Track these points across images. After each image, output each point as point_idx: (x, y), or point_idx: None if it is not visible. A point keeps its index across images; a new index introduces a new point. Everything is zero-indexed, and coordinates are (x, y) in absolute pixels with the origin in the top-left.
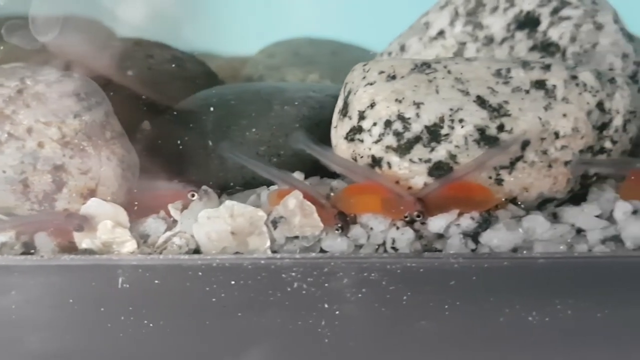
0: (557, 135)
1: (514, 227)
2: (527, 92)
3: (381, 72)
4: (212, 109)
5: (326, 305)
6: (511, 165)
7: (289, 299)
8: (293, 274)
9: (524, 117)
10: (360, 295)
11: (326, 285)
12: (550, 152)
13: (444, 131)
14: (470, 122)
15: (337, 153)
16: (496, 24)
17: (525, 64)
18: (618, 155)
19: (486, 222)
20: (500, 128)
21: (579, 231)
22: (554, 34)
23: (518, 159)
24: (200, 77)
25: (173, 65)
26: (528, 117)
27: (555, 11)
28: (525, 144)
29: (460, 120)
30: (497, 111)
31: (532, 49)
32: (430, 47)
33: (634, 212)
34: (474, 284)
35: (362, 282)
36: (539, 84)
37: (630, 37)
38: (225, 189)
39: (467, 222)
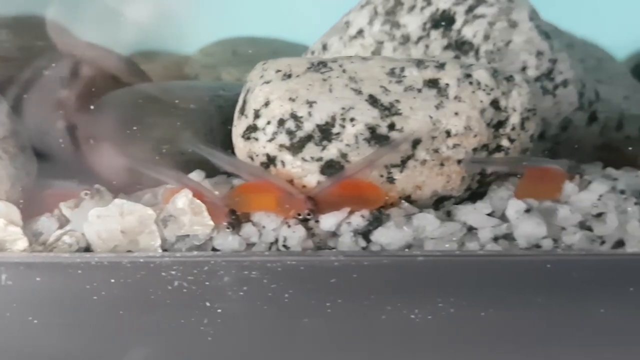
0: (448, 133)
1: (404, 225)
2: (420, 91)
3: (278, 71)
4: (120, 108)
5: (208, 304)
6: (402, 164)
7: (170, 297)
8: (173, 272)
9: (414, 116)
10: (241, 293)
11: (207, 283)
12: (441, 151)
13: (335, 130)
14: (362, 120)
15: (237, 152)
16: (413, 22)
17: (419, 63)
18: (518, 154)
19: (377, 220)
20: (391, 127)
21: (471, 229)
22: (468, 33)
23: (409, 157)
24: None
25: None
26: (419, 116)
27: (470, 9)
28: (416, 143)
29: (352, 119)
30: (389, 110)
31: (447, 47)
32: (350, 46)
33: (527, 211)
34: (355, 282)
35: (243, 281)
36: (432, 83)
37: (546, 35)
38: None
39: (358, 220)
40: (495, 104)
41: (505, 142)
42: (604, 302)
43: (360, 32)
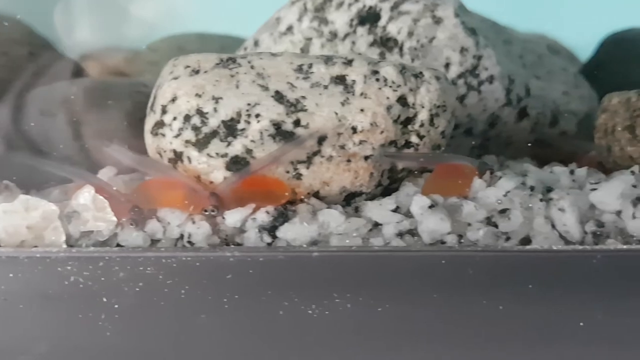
0: (354, 130)
1: (309, 221)
2: (326, 87)
3: (187, 67)
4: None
5: (105, 299)
6: (308, 160)
7: (68, 292)
8: (69, 267)
9: (320, 112)
10: (137, 289)
11: (103, 279)
12: (348, 147)
13: (240, 126)
14: (267, 117)
15: (147, 148)
16: (340, 19)
17: (328, 60)
18: (429, 150)
19: (282, 216)
20: (297, 123)
21: (377, 225)
22: (392, 29)
23: (315, 153)
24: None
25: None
26: (324, 112)
27: (395, 6)
28: (322, 139)
29: (257, 115)
30: (294, 106)
31: (372, 44)
32: (280, 42)
33: (431, 207)
34: (251, 278)
35: (139, 276)
36: (339, 79)
37: (472, 31)
38: None
39: (263, 216)
40: (402, 100)
41: (414, 139)
42: (503, 299)
43: (289, 29)
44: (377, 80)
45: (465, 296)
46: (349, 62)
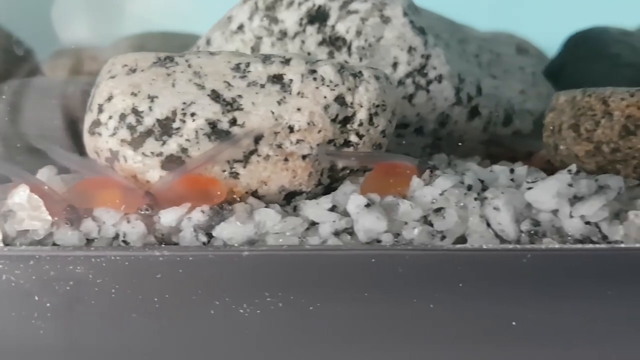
0: (291, 129)
1: (246, 220)
2: (263, 86)
3: (124, 66)
4: None
5: (37, 298)
6: (245, 159)
7: (0, 291)
8: (0, 266)
9: (256, 111)
10: (68, 288)
11: (34, 277)
12: (285, 146)
13: (175, 125)
14: (202, 115)
15: (86, 147)
16: (290, 18)
17: (265, 59)
18: (369, 149)
19: (217, 216)
20: (233, 122)
21: (314, 224)
22: (341, 28)
23: (252, 152)
24: None
25: None
26: (260, 111)
27: (344, 5)
28: (258, 138)
29: (192, 114)
30: (231, 105)
31: (321, 43)
32: (232, 41)
33: (367, 206)
34: (181, 277)
35: (69, 275)
36: (277, 79)
37: (421, 30)
38: None
39: (198, 215)
40: (340, 99)
41: (353, 138)
42: (433, 298)
43: (240, 27)
44: (315, 79)
45: (396, 295)
46: (286, 61)
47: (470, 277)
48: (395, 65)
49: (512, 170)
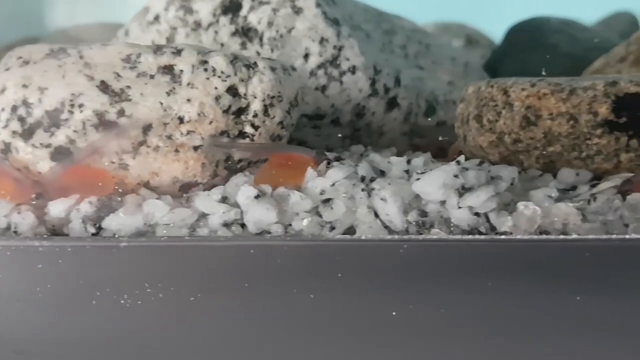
0: (181, 120)
1: (135, 211)
2: (152, 77)
3: (19, 58)
4: None
5: None
6: (134, 150)
7: None
8: None
9: (144, 102)
10: None
11: None
12: (175, 137)
13: (63, 116)
14: (90, 107)
15: None
16: (204, 9)
17: (157, 49)
18: (266, 140)
19: (106, 207)
20: (121, 113)
21: (205, 215)
22: (253, 19)
23: (141, 143)
24: None
25: None
26: (149, 102)
27: None
28: (147, 129)
29: (80, 105)
30: (119, 96)
31: (234, 34)
32: (148, 32)
33: (257, 197)
34: (62, 268)
35: None
36: (167, 69)
37: (334, 21)
38: None
39: (87, 206)
40: (232, 90)
41: (249, 129)
42: (313, 289)
43: (157, 18)
44: (206, 70)
45: (275, 285)
46: (178, 52)
47: (349, 267)
48: (306, 56)
49: (408, 161)
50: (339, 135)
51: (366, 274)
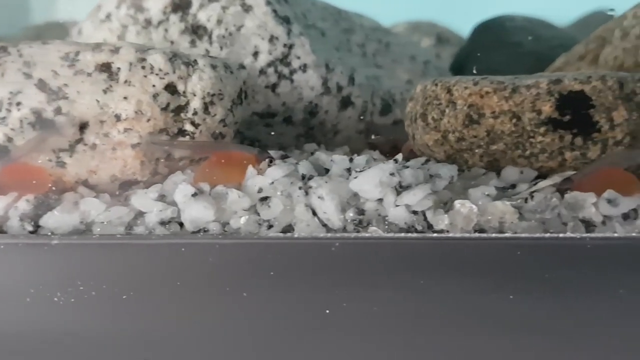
0: (118, 117)
1: (71, 209)
2: (90, 75)
3: None
4: None
5: None
6: (71, 148)
7: None
8: None
9: (81, 100)
10: None
11: None
12: (112, 135)
13: (1, 114)
14: (28, 105)
15: None
16: (155, 7)
17: (96, 47)
18: (208, 138)
19: (43, 205)
20: (58, 111)
21: (142, 213)
22: (202, 17)
23: (78, 141)
24: None
25: None
26: (85, 100)
27: None
28: (83, 127)
29: (18, 104)
30: (56, 94)
31: (184, 32)
32: (100, 30)
33: (194, 195)
34: None
35: None
36: (105, 67)
37: (285, 20)
38: None
39: (24, 204)
40: (171, 88)
41: (189, 127)
42: (246, 287)
43: (108, 16)
44: (144, 67)
45: (208, 284)
46: (116, 50)
47: (281, 265)
48: (256, 54)
49: (351, 160)
50: (294, 133)
51: (299, 272)
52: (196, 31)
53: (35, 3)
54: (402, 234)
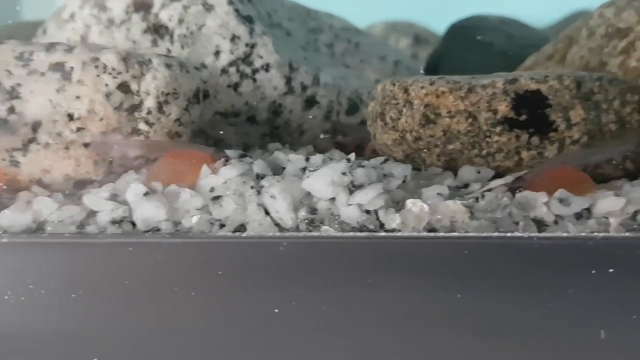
0: (71, 117)
1: (24, 208)
2: (43, 74)
3: None
4: None
5: None
6: (24, 147)
7: None
8: None
9: (34, 100)
10: None
11: None
12: (65, 134)
13: None
14: None
15: None
16: (118, 6)
17: (50, 47)
18: (163, 137)
19: None
20: (11, 110)
21: (94, 212)
22: (164, 16)
23: (31, 140)
24: None
25: None
26: (39, 99)
27: None
28: (36, 126)
29: None
30: (10, 94)
31: (146, 31)
32: (64, 30)
33: (146, 194)
34: None
35: None
36: (58, 66)
37: (247, 19)
38: None
39: None
40: (124, 87)
41: (143, 126)
42: (194, 286)
43: (72, 16)
44: (97, 67)
45: (156, 283)
46: (70, 49)
47: (230, 265)
48: (217, 53)
49: (307, 159)
50: (259, 133)
51: (247, 271)
52: (158, 31)
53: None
54: (349, 233)
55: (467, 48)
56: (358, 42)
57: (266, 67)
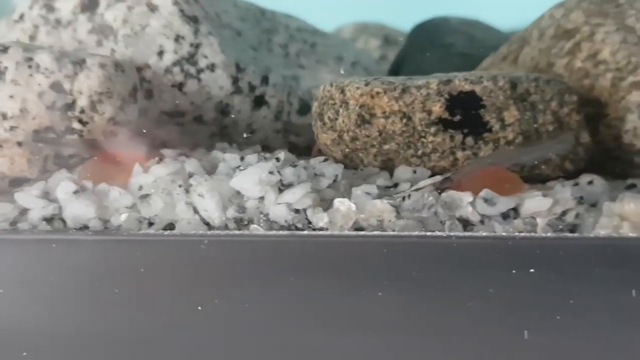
0: (4, 116)
1: None
2: None
3: None
4: None
5: None
6: None
7: None
8: None
9: None
10: None
11: None
12: None
13: None
14: None
15: None
16: (65, 7)
17: None
18: (98, 136)
19: None
20: None
21: (26, 210)
22: (109, 16)
23: None
24: None
25: None
26: None
27: None
28: None
29: None
30: None
31: (91, 31)
32: (13, 30)
33: (76, 192)
34: None
35: None
36: None
37: (192, 19)
38: None
39: None
40: (57, 87)
41: (76, 125)
42: (117, 283)
43: (21, 16)
44: (30, 67)
45: (77, 279)
46: (4, 49)
47: (152, 262)
48: (161, 53)
49: (242, 158)
50: (207, 133)
51: (170, 269)
52: (103, 31)
53: None
54: (269, 232)
55: (428, 49)
56: (315, 43)
57: (211, 67)
